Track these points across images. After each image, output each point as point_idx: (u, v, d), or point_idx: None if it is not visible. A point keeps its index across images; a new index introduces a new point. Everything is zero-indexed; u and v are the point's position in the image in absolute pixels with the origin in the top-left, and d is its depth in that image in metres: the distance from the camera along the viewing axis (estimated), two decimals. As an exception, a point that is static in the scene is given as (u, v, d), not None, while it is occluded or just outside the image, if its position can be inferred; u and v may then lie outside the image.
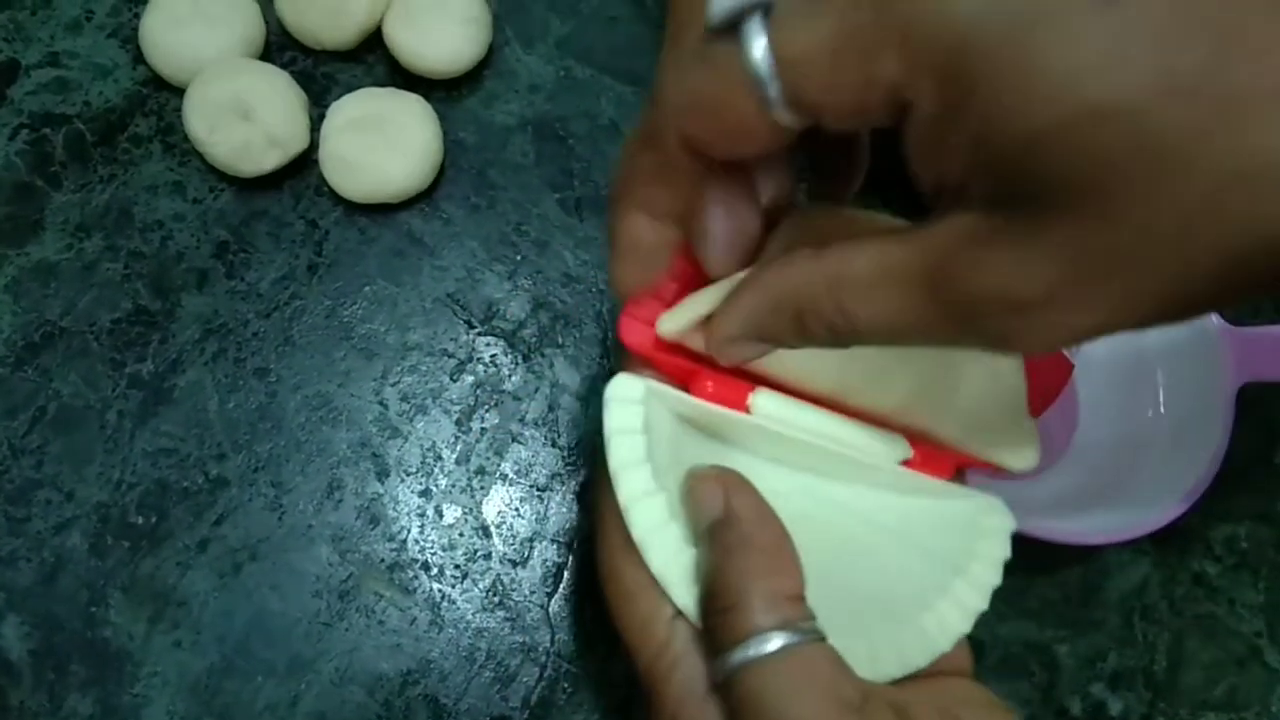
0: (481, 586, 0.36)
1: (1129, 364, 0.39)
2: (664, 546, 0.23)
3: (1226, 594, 0.39)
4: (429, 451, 0.38)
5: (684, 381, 0.26)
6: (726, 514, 0.23)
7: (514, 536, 0.37)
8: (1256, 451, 0.41)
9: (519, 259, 0.40)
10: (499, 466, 0.38)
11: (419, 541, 0.36)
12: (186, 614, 0.35)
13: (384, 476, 0.37)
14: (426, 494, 0.37)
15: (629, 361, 0.26)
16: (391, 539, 0.36)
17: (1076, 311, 0.17)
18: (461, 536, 0.37)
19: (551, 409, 0.38)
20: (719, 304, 0.23)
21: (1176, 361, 0.38)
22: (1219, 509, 0.39)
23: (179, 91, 0.40)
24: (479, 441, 0.38)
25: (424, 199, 0.40)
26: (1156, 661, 0.38)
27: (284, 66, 0.41)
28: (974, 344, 0.19)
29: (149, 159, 0.40)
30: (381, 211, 0.40)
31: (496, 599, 0.36)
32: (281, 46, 0.42)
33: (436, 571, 0.36)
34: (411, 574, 0.36)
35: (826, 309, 0.20)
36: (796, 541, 0.24)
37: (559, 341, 0.39)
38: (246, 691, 0.34)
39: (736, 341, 0.23)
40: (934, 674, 0.25)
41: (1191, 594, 0.39)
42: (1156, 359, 0.38)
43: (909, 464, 0.27)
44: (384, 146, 0.38)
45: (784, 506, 0.24)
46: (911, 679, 0.24)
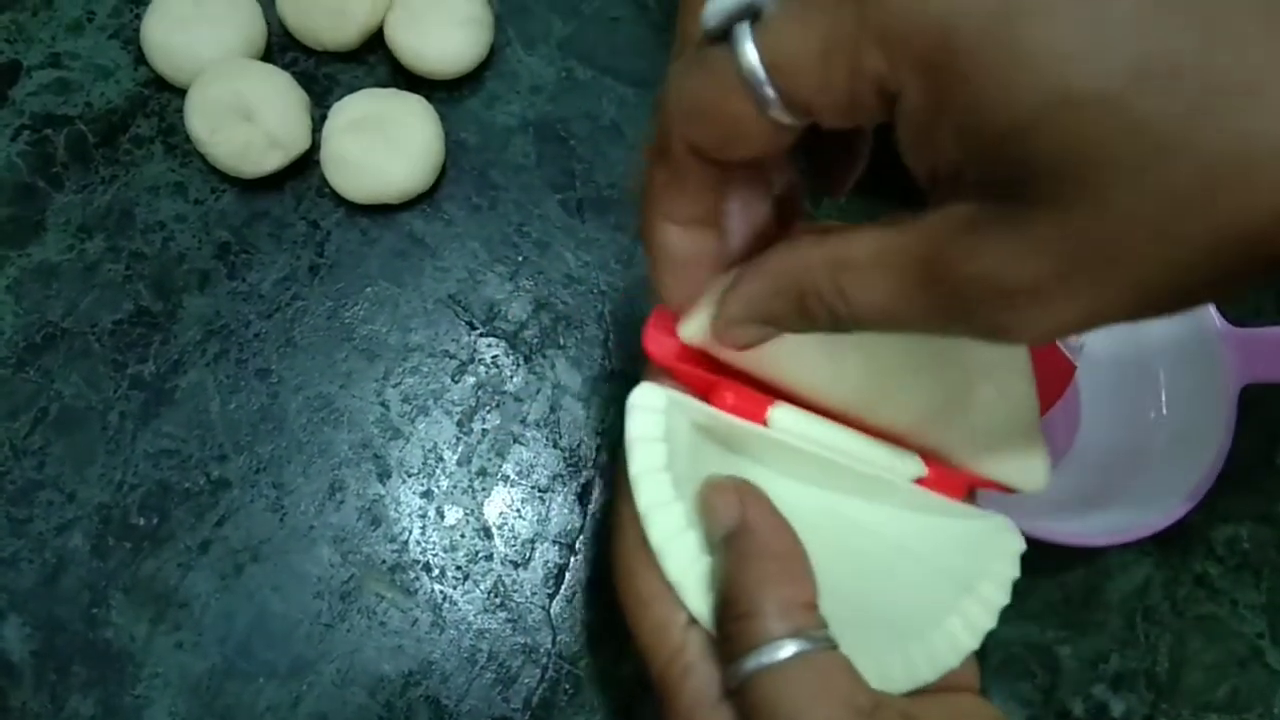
0: (483, 588, 0.36)
1: (1131, 365, 0.39)
2: (681, 554, 0.24)
3: (1228, 595, 0.39)
4: (430, 453, 0.37)
5: (704, 393, 0.26)
6: (742, 523, 0.23)
7: (515, 537, 0.37)
8: (1258, 452, 0.41)
9: (520, 260, 0.40)
10: (500, 468, 0.38)
11: (420, 543, 0.36)
12: (188, 615, 0.35)
13: (385, 478, 0.37)
14: (428, 495, 0.37)
15: (651, 371, 0.26)
16: (393, 540, 0.36)
17: (1066, 301, 0.17)
18: (463, 538, 0.37)
19: (553, 410, 0.38)
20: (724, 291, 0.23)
21: (1178, 363, 0.38)
22: (1221, 510, 0.39)
23: (180, 92, 0.40)
24: (480, 443, 0.38)
25: (425, 200, 0.40)
26: (1158, 663, 0.38)
27: (285, 67, 0.41)
28: (967, 333, 0.19)
29: (150, 160, 0.40)
30: (383, 212, 0.40)
31: (498, 600, 0.36)
32: (283, 47, 0.42)
33: (438, 573, 0.36)
34: (413, 575, 0.36)
35: (826, 291, 0.20)
36: (809, 554, 0.24)
37: (560, 343, 0.39)
38: (248, 693, 0.34)
39: (740, 324, 0.23)
40: (942, 689, 0.25)
41: (1193, 595, 0.39)
42: (1158, 360, 0.38)
43: (923, 482, 0.27)
44: (385, 147, 0.38)
45: (798, 520, 0.24)
46: (919, 694, 0.24)
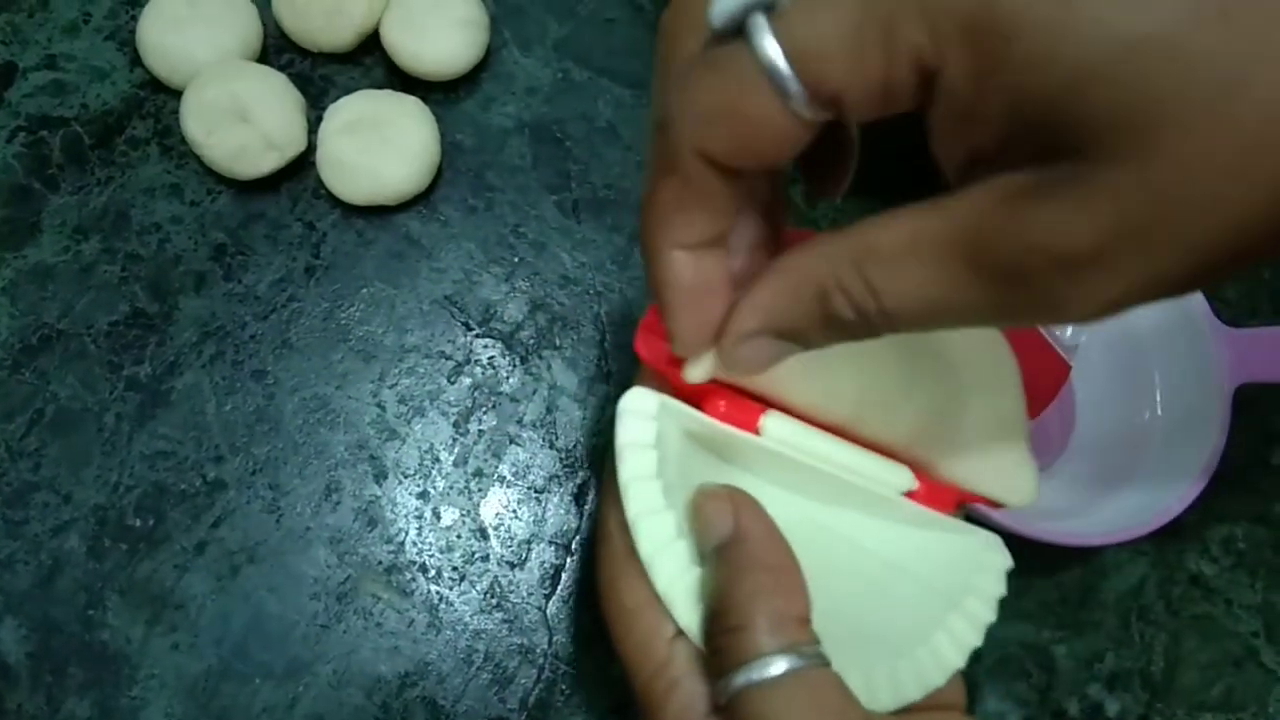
0: (479, 588, 0.36)
1: (1126, 366, 0.39)
2: (670, 564, 0.23)
3: (1223, 595, 0.39)
4: (427, 453, 0.38)
5: (697, 399, 0.25)
6: (736, 533, 0.23)
7: (512, 538, 0.37)
8: (1253, 452, 0.41)
9: (517, 261, 0.40)
10: (497, 468, 0.38)
11: (417, 543, 0.36)
12: (184, 616, 0.35)
13: (382, 479, 0.37)
14: (424, 496, 0.37)
15: (643, 375, 0.25)
16: (389, 541, 0.36)
17: (1131, 265, 0.16)
18: (459, 538, 0.37)
19: (549, 411, 0.39)
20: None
21: (1173, 362, 0.38)
22: (1216, 510, 0.39)
23: (176, 94, 0.40)
24: (477, 443, 0.38)
25: (421, 201, 0.40)
26: (1154, 662, 0.38)
27: (281, 69, 0.41)
28: (1018, 315, 0.17)
29: (146, 161, 0.40)
30: (379, 214, 0.40)
31: (494, 601, 0.36)
32: (279, 49, 0.42)
33: (434, 573, 0.36)
34: (409, 576, 0.36)
35: (854, 287, 0.18)
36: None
37: (556, 343, 0.39)
38: (244, 694, 0.34)
39: (754, 340, 0.21)
40: (928, 707, 0.25)
41: (1188, 595, 0.39)
42: (1153, 360, 0.38)
43: (913, 496, 0.27)
44: (381, 149, 0.38)
45: (786, 532, 0.24)
46: (905, 712, 0.24)
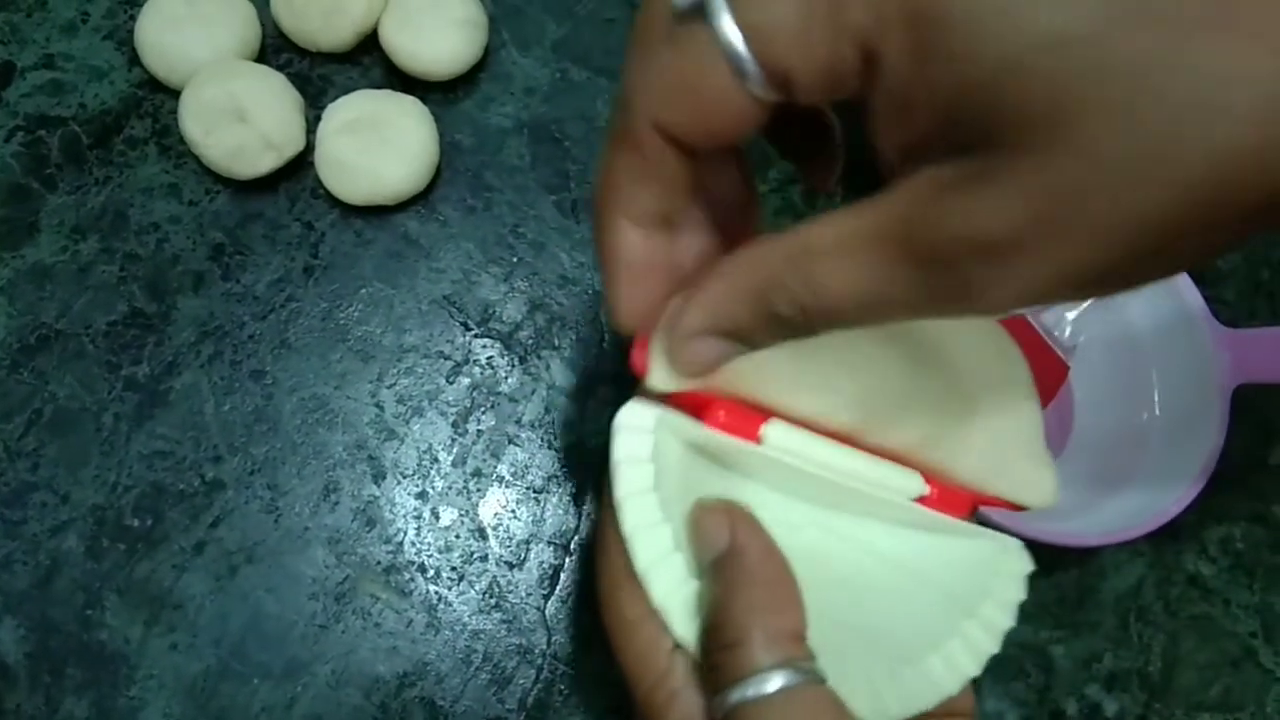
0: (478, 588, 0.36)
1: (1124, 366, 0.39)
2: (666, 578, 0.23)
3: (1221, 595, 0.39)
4: (425, 454, 0.38)
5: (696, 410, 0.25)
6: (731, 548, 0.23)
7: (510, 538, 0.37)
8: (1251, 453, 0.41)
9: (515, 261, 0.40)
10: (495, 468, 0.38)
11: (415, 544, 0.36)
12: (182, 617, 0.35)
13: (380, 479, 0.37)
14: (423, 496, 0.37)
15: (641, 388, 0.25)
16: (388, 541, 0.36)
17: (1045, 253, 0.16)
18: (458, 538, 0.37)
19: (548, 411, 0.38)
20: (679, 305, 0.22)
21: (1172, 363, 0.38)
22: (1214, 510, 0.39)
23: (174, 94, 0.40)
24: (475, 443, 0.38)
25: (420, 201, 0.40)
26: (1152, 662, 0.38)
27: (280, 69, 0.41)
28: (944, 303, 0.18)
29: (144, 161, 0.40)
30: (377, 214, 0.40)
31: (493, 601, 0.36)
32: (277, 49, 0.42)
33: (433, 573, 0.36)
34: (408, 576, 0.36)
35: (793, 283, 0.19)
36: (805, 575, 0.23)
37: (555, 343, 0.39)
38: (243, 694, 0.34)
39: (699, 338, 0.22)
40: (939, 715, 0.24)
41: (1187, 595, 0.39)
42: (1152, 361, 0.39)
43: (925, 501, 0.26)
44: (380, 149, 0.38)
45: (795, 539, 0.24)
46: None
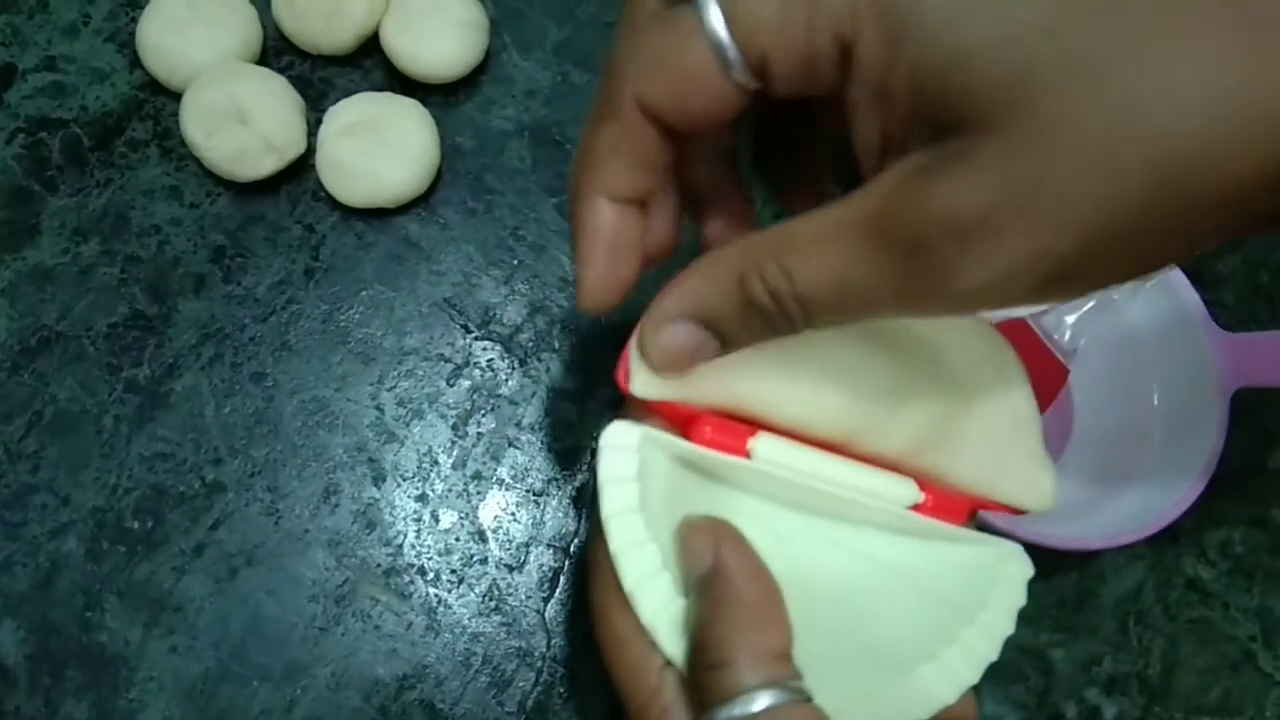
0: (478, 591, 0.36)
1: (1124, 369, 0.39)
2: (653, 597, 0.23)
3: (1221, 598, 0.39)
4: (425, 456, 0.38)
5: (683, 426, 0.25)
6: (716, 567, 0.23)
7: (510, 541, 0.37)
8: (1251, 456, 0.41)
9: (516, 264, 0.40)
10: (495, 471, 0.38)
11: (415, 546, 0.36)
12: (182, 619, 0.35)
13: (380, 481, 0.37)
14: (423, 499, 0.37)
15: (628, 407, 0.25)
16: (388, 544, 0.36)
17: (1016, 234, 0.17)
18: (458, 541, 0.37)
19: (548, 413, 0.39)
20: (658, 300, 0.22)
21: (1171, 366, 0.38)
22: (1213, 514, 0.39)
23: (176, 96, 0.40)
24: (475, 446, 0.38)
25: (421, 204, 0.40)
26: (1151, 666, 0.38)
27: (281, 71, 0.41)
28: (920, 288, 0.18)
29: (146, 163, 0.40)
30: (378, 216, 0.40)
31: (493, 604, 0.36)
32: (278, 51, 0.42)
33: (433, 576, 0.36)
34: (408, 579, 0.36)
35: (770, 273, 0.20)
36: (799, 586, 0.23)
37: (555, 346, 0.39)
38: (242, 696, 0.34)
39: (674, 323, 0.22)
40: None
41: (1186, 598, 0.39)
42: (1151, 364, 0.39)
43: (921, 508, 0.26)
44: (381, 151, 0.38)
45: (788, 550, 0.23)
46: None
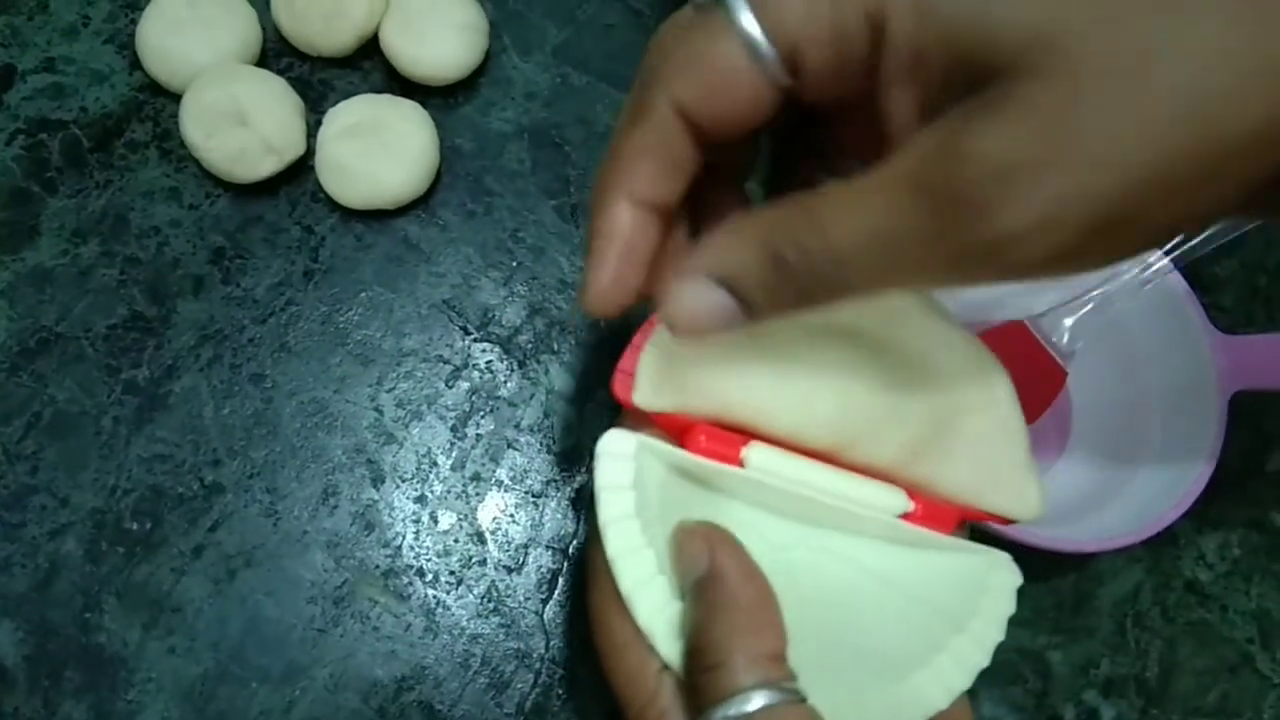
0: (476, 593, 0.36)
1: (1122, 372, 0.39)
2: (650, 601, 0.24)
3: (1219, 601, 0.39)
4: (424, 458, 0.38)
5: (678, 435, 0.26)
6: (711, 571, 0.23)
7: (509, 543, 0.37)
8: (1249, 459, 0.41)
9: (515, 265, 0.40)
10: (494, 473, 0.38)
11: (414, 548, 0.36)
12: (181, 620, 0.35)
13: (379, 483, 0.37)
14: (422, 500, 0.37)
15: (625, 415, 0.26)
16: (386, 545, 0.36)
17: (1056, 172, 0.17)
18: (456, 543, 0.37)
19: (547, 415, 0.39)
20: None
21: (1170, 369, 0.38)
22: (1212, 516, 0.40)
23: (175, 97, 0.40)
24: (474, 448, 0.38)
25: (420, 205, 0.40)
26: (1149, 668, 0.38)
27: (281, 73, 0.41)
28: (961, 238, 0.18)
29: (145, 165, 0.40)
30: (378, 218, 0.40)
31: (491, 605, 0.36)
32: (278, 53, 0.42)
33: (431, 578, 0.36)
34: (406, 580, 0.36)
35: (800, 226, 0.20)
36: (792, 594, 0.23)
37: (554, 348, 0.39)
38: (241, 698, 0.34)
39: (695, 281, 0.21)
40: None
41: (1184, 601, 0.39)
42: (1150, 366, 0.39)
43: (910, 517, 0.26)
44: (380, 153, 0.38)
45: (781, 558, 0.24)
46: None
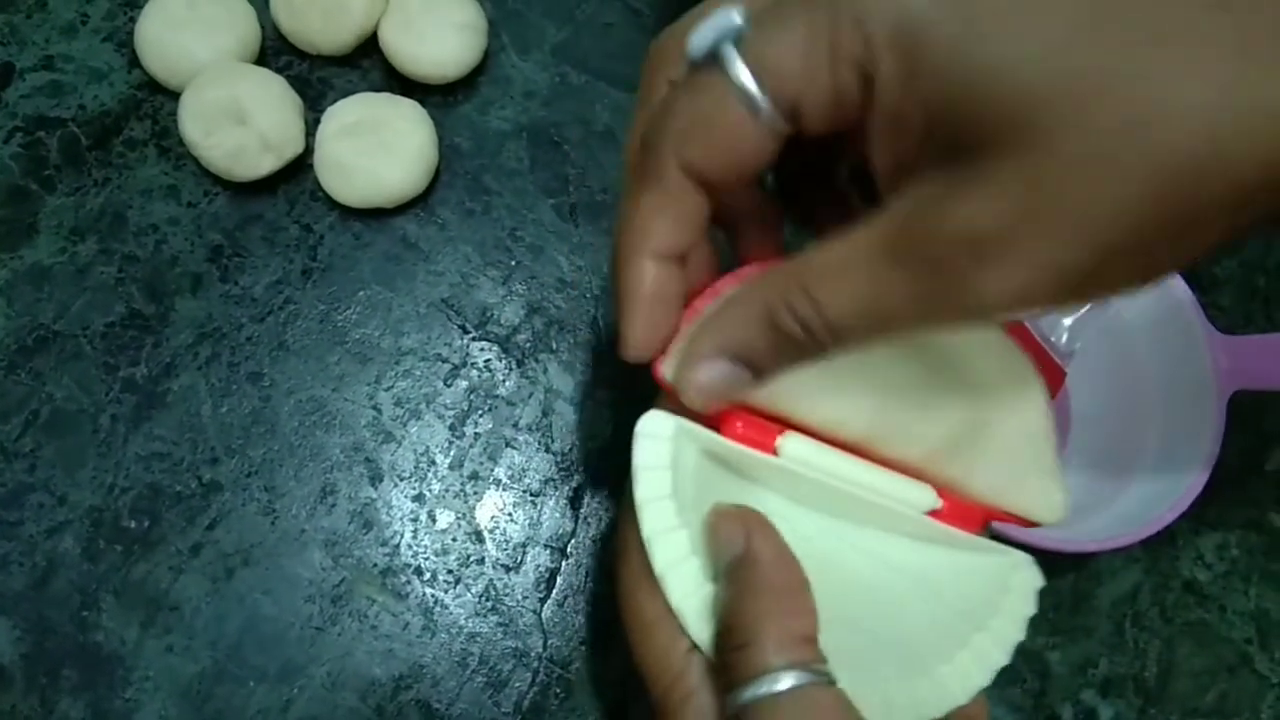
0: (474, 591, 0.36)
1: (1121, 372, 0.39)
2: (683, 581, 0.24)
3: (1217, 601, 0.39)
4: (422, 456, 0.38)
5: (715, 421, 0.26)
6: (746, 553, 0.23)
7: (507, 541, 0.37)
8: (1247, 459, 0.41)
9: (514, 264, 0.40)
10: (492, 471, 0.38)
11: (412, 546, 0.36)
12: (179, 618, 0.35)
13: (377, 481, 0.37)
14: (420, 499, 0.37)
15: (662, 398, 0.26)
16: (384, 544, 0.36)
17: (1031, 248, 0.17)
18: (454, 541, 0.37)
19: (545, 414, 0.39)
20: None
21: (1168, 369, 0.38)
22: (1210, 516, 0.40)
23: (174, 95, 0.40)
24: (472, 446, 0.38)
25: (419, 204, 0.40)
26: (1147, 668, 0.38)
27: (280, 71, 0.41)
28: (943, 305, 0.19)
29: (144, 163, 0.40)
30: (376, 216, 0.40)
31: (489, 604, 0.36)
32: (277, 51, 0.42)
33: (429, 576, 0.36)
34: (404, 579, 0.36)
35: (796, 300, 0.21)
36: (819, 584, 0.24)
37: (553, 347, 0.39)
38: (238, 696, 0.34)
39: (708, 362, 0.23)
40: None
41: (1182, 601, 0.39)
42: (1148, 367, 0.39)
43: (937, 515, 0.27)
44: (379, 151, 0.38)
45: (809, 549, 0.24)
46: None
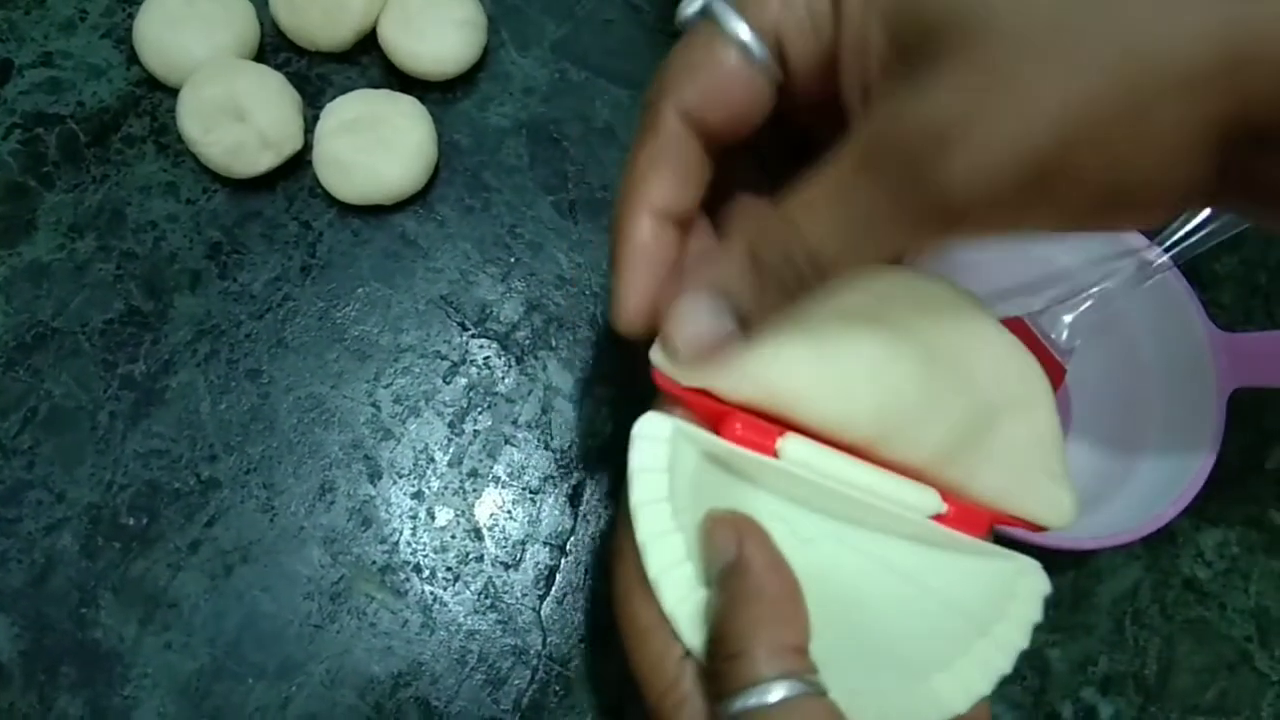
0: (473, 589, 0.36)
1: (1121, 369, 0.39)
2: (676, 586, 0.24)
3: (1217, 598, 0.39)
4: (421, 453, 0.37)
5: (713, 423, 0.25)
6: (738, 560, 0.23)
7: (506, 539, 0.37)
8: (1248, 457, 0.41)
9: (513, 261, 0.40)
10: (491, 469, 0.38)
11: (411, 544, 0.36)
12: (177, 616, 0.35)
13: (376, 478, 0.37)
14: (419, 496, 0.37)
15: (660, 399, 0.26)
16: (383, 541, 0.36)
17: (990, 128, 0.18)
18: (453, 539, 0.37)
19: (544, 411, 0.38)
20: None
21: (1168, 367, 0.38)
22: (1210, 514, 0.39)
23: (173, 92, 0.40)
24: (472, 444, 0.38)
25: (418, 201, 0.40)
26: (1147, 666, 0.38)
27: (278, 68, 0.41)
28: (914, 203, 0.19)
29: (142, 159, 0.40)
30: (375, 213, 0.40)
31: (488, 601, 0.36)
32: (276, 48, 0.42)
33: (428, 574, 0.36)
34: (403, 576, 0.36)
35: (773, 228, 0.22)
36: (818, 589, 0.23)
37: (552, 344, 0.39)
38: (237, 694, 0.34)
39: (690, 304, 0.23)
40: None
41: (1182, 598, 0.39)
42: (1148, 364, 0.39)
43: (942, 519, 0.26)
44: (378, 148, 0.38)
45: (809, 552, 0.24)
46: None
